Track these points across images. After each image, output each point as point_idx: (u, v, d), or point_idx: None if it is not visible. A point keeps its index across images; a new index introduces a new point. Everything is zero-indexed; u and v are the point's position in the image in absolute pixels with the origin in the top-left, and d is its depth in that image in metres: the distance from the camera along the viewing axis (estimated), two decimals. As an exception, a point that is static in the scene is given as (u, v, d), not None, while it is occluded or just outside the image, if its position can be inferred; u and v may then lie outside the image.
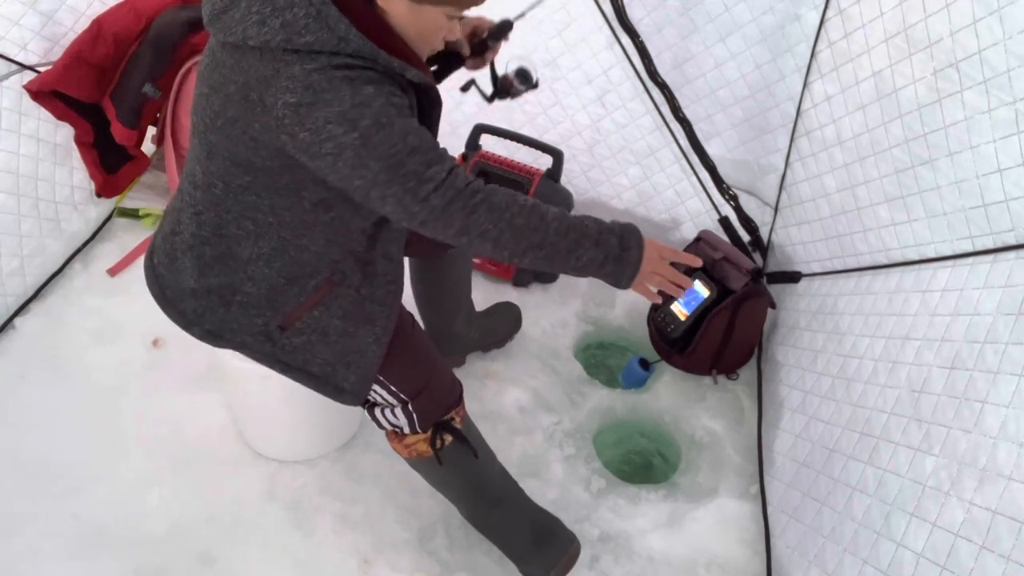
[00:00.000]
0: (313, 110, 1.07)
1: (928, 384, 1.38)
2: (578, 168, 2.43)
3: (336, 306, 1.34)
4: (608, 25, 2.13)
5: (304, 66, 1.07)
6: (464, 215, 1.14)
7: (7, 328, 2.04)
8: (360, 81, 1.09)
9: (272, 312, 1.33)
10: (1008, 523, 1.08)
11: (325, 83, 1.07)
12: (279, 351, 1.36)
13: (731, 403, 2.08)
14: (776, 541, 1.66)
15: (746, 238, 2.27)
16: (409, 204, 1.12)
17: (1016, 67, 1.26)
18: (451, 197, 1.13)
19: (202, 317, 1.35)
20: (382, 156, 1.09)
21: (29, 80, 2.01)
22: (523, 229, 1.17)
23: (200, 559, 1.63)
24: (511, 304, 2.19)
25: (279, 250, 1.28)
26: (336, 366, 1.38)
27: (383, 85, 1.11)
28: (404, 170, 1.10)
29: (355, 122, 1.07)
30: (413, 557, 1.66)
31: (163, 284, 1.38)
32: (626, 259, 1.22)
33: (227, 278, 1.31)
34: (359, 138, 1.08)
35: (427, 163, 1.12)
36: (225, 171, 1.22)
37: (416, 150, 1.11)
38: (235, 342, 1.36)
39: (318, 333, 1.35)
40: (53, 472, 1.74)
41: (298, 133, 1.09)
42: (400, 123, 1.10)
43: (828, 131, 1.85)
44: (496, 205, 1.15)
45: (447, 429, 1.50)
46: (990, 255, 1.37)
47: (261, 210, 1.24)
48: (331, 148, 1.09)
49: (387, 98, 1.10)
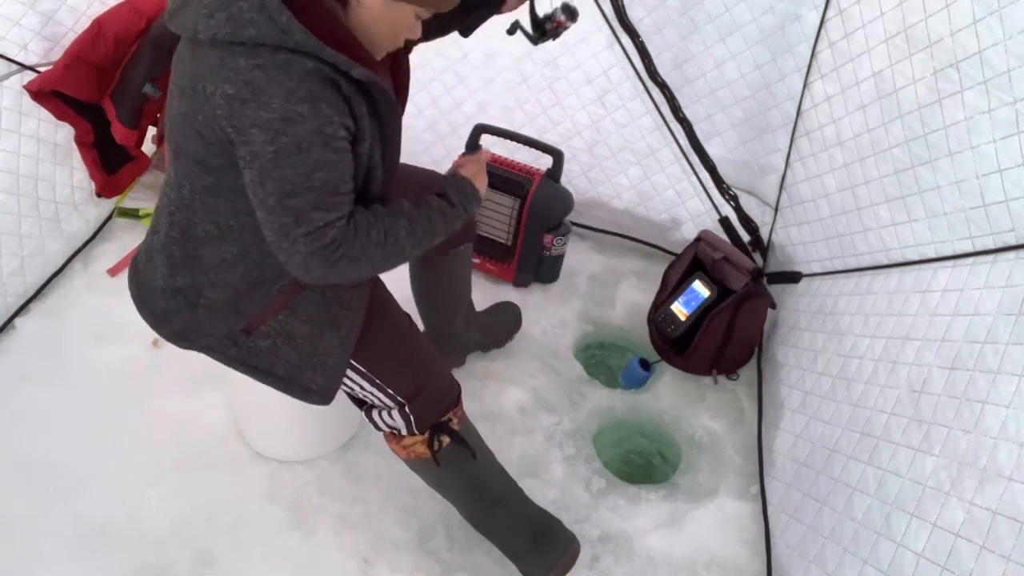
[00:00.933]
0: (246, 108, 1.07)
1: (928, 384, 1.38)
2: (578, 168, 2.43)
3: (301, 310, 1.34)
4: (608, 25, 2.12)
5: (249, 60, 1.07)
6: (324, 267, 1.17)
7: (7, 328, 2.04)
8: (297, 95, 1.07)
9: (236, 316, 1.33)
10: (1008, 523, 1.08)
11: (264, 82, 1.06)
12: (244, 354, 1.36)
13: (731, 403, 2.08)
14: (776, 541, 1.66)
15: (746, 238, 2.27)
16: (279, 239, 1.15)
17: (1016, 67, 1.26)
18: (315, 249, 1.14)
19: (169, 317, 1.35)
20: (281, 179, 1.10)
21: (29, 80, 2.01)
22: (382, 264, 1.25)
23: (200, 559, 1.63)
24: (511, 304, 2.19)
25: (241, 256, 1.28)
26: (302, 368, 1.37)
27: (319, 105, 1.09)
28: (290, 203, 1.11)
29: (276, 137, 1.08)
30: (413, 557, 1.66)
31: (139, 281, 1.40)
32: (469, 209, 1.40)
33: (192, 280, 1.31)
34: (273, 153, 1.08)
35: (314, 205, 1.12)
36: (188, 171, 1.22)
37: (313, 189, 1.11)
38: (200, 344, 1.36)
39: (283, 336, 1.35)
40: (53, 472, 1.74)
41: (225, 127, 1.10)
42: (317, 154, 1.10)
43: (828, 131, 1.85)
44: (354, 257, 1.18)
45: (444, 431, 1.50)
46: (990, 255, 1.37)
47: (223, 213, 1.24)
48: (244, 152, 1.10)
49: (318, 124, 1.09)
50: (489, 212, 2.31)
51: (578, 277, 2.43)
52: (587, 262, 2.49)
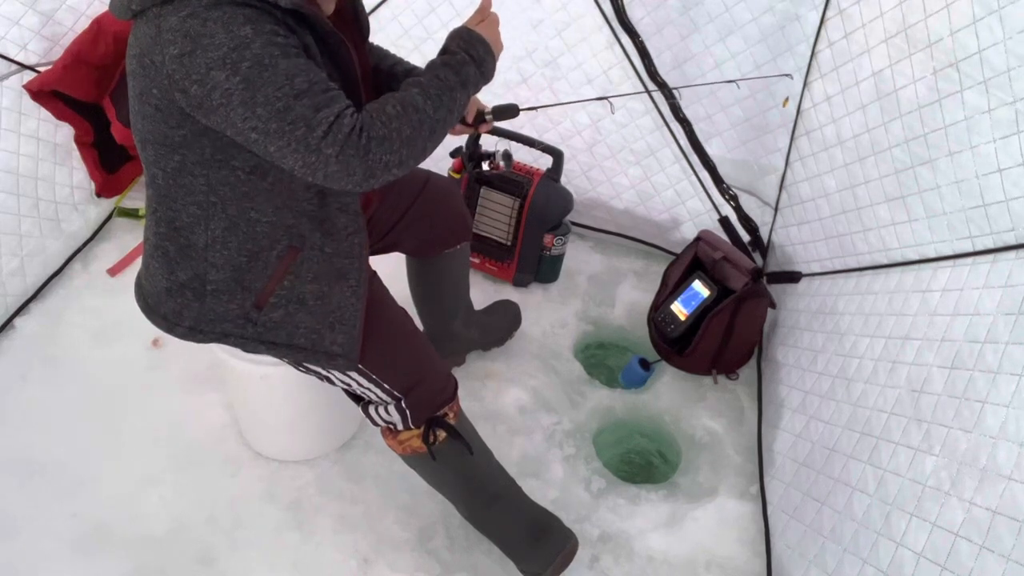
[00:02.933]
0: (195, 57, 1.06)
1: (928, 384, 1.38)
2: (578, 168, 2.43)
3: (305, 271, 1.33)
4: (608, 25, 2.13)
5: (179, 14, 1.06)
6: (360, 159, 1.11)
7: (7, 328, 2.04)
8: (236, 22, 1.05)
9: (244, 293, 1.32)
10: (1008, 523, 1.08)
11: (200, 27, 1.05)
12: (262, 331, 1.35)
13: (731, 403, 2.08)
14: (776, 541, 1.66)
15: (746, 238, 2.27)
16: (304, 155, 1.10)
17: (1016, 67, 1.26)
18: (342, 142, 1.09)
19: (181, 315, 1.34)
20: (268, 100, 1.07)
21: (29, 80, 2.01)
22: (414, 136, 1.17)
23: (200, 559, 1.63)
24: (509, 302, 2.19)
25: (230, 229, 1.27)
26: (321, 331, 1.37)
27: (262, 24, 1.07)
28: (292, 115, 1.08)
29: (236, 65, 1.06)
30: (413, 557, 1.66)
31: (144, 293, 1.39)
32: (486, 68, 1.31)
33: (194, 271, 1.31)
34: (242, 82, 1.06)
35: (315, 107, 1.08)
36: (157, 156, 1.22)
37: (303, 93, 1.08)
38: (216, 333, 1.35)
39: (295, 302, 1.34)
40: (53, 472, 1.74)
41: (188, 88, 1.08)
42: (284, 64, 1.08)
43: (828, 131, 1.85)
44: (381, 135, 1.12)
45: (440, 425, 1.50)
46: (990, 255, 1.37)
47: (200, 191, 1.23)
48: (219, 97, 1.07)
49: (268, 38, 1.07)
50: (489, 212, 2.31)
51: (578, 277, 2.44)
52: (587, 262, 2.49)
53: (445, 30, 2.26)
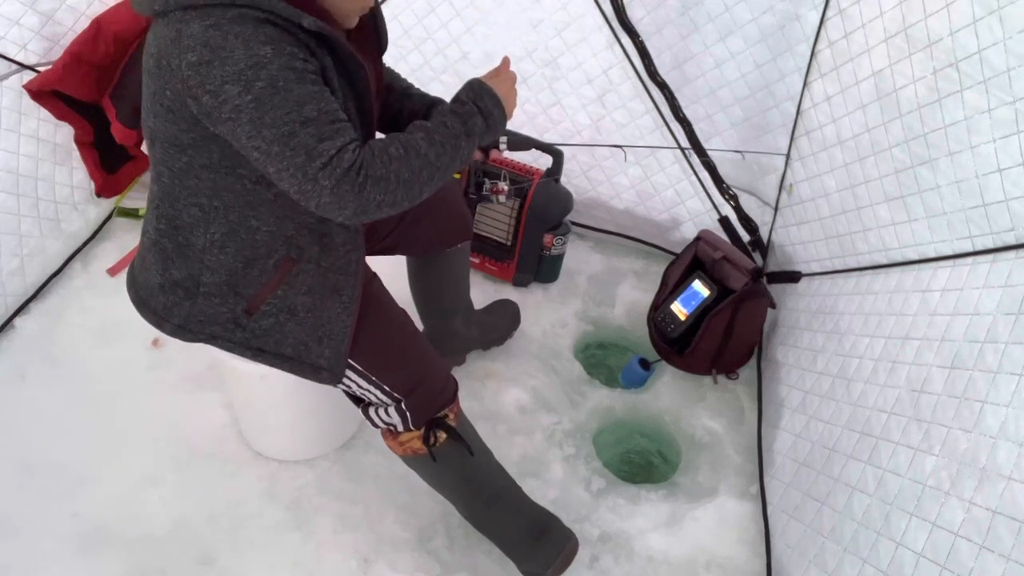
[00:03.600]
0: (212, 68, 1.06)
1: (928, 384, 1.38)
2: (578, 168, 2.43)
3: (299, 282, 1.33)
4: (608, 25, 2.13)
5: (202, 23, 1.07)
6: (354, 195, 1.11)
7: (7, 328, 2.04)
8: (256, 40, 1.07)
9: (236, 298, 1.32)
10: (1008, 523, 1.08)
11: (221, 39, 1.06)
12: (250, 337, 1.35)
13: (731, 403, 2.08)
14: (776, 541, 1.66)
15: (746, 238, 2.27)
16: (301, 182, 1.10)
17: (1016, 67, 1.26)
18: (339, 177, 1.09)
19: (170, 312, 1.35)
20: (275, 123, 1.07)
21: (29, 80, 2.01)
22: (412, 180, 1.17)
23: (200, 559, 1.63)
24: (509, 301, 2.19)
25: (230, 234, 1.27)
26: (309, 343, 1.37)
27: (283, 45, 1.08)
28: (295, 142, 1.08)
29: (250, 84, 1.06)
30: (413, 557, 1.66)
31: (137, 285, 1.40)
32: (493, 122, 1.31)
33: (188, 270, 1.31)
34: (253, 101, 1.07)
35: (319, 137, 1.09)
36: (165, 155, 1.22)
37: (310, 121, 1.09)
38: (204, 334, 1.35)
39: (286, 312, 1.35)
40: (53, 472, 1.74)
41: (201, 96, 1.09)
42: (298, 90, 1.08)
43: (828, 131, 1.85)
44: (379, 175, 1.12)
45: (440, 426, 1.50)
46: (990, 255, 1.37)
47: (204, 193, 1.24)
48: (229, 112, 1.08)
49: (286, 60, 1.08)
50: (489, 212, 2.31)
51: (578, 277, 2.43)
52: (587, 262, 2.49)
53: (445, 30, 2.32)
